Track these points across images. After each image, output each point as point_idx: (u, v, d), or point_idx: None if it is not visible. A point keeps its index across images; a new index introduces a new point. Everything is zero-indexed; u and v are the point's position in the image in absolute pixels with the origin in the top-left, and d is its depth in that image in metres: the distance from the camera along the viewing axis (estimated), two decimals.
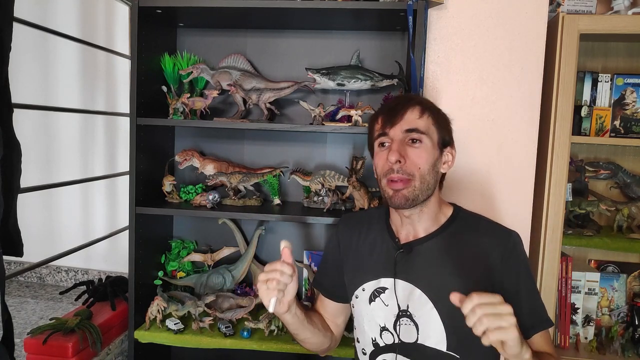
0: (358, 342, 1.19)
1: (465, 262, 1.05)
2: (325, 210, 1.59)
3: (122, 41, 2.87)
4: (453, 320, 1.03)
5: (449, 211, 1.13)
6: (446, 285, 1.03)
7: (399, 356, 1.08)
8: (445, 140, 1.09)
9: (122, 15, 2.88)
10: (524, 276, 1.05)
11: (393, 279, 1.09)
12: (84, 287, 1.79)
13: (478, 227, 1.10)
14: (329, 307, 1.25)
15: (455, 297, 0.83)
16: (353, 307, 1.18)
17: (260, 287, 0.99)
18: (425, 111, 1.06)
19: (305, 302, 1.69)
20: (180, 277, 1.75)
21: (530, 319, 1.03)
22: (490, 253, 1.04)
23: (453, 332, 1.03)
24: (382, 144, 1.07)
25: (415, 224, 1.10)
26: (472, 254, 1.05)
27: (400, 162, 1.01)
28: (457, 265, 1.05)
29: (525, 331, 1.00)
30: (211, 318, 1.58)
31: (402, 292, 1.08)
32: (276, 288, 0.97)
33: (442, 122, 1.09)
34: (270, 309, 0.97)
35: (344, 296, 1.22)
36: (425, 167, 1.03)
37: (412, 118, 1.04)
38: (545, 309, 1.07)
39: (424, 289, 1.05)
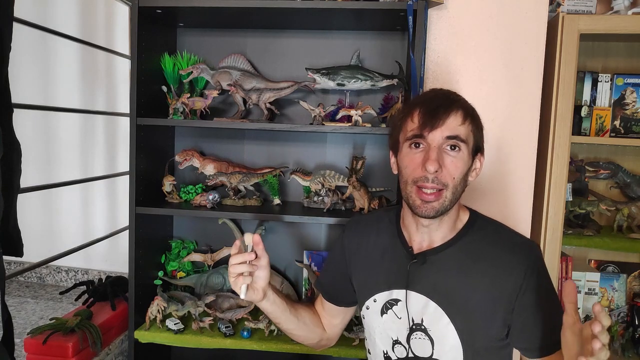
0: (369, 353, 1.16)
1: (483, 275, 0.99)
2: (325, 210, 1.59)
3: (122, 41, 2.87)
4: (470, 335, 0.99)
5: (465, 216, 1.06)
6: (463, 299, 0.99)
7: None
8: (479, 147, 1.02)
9: (122, 15, 2.88)
10: (547, 291, 0.99)
11: (405, 291, 1.03)
12: (84, 287, 1.79)
13: (497, 237, 1.04)
14: (326, 306, 1.24)
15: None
16: (363, 317, 1.13)
17: (230, 278, 1.01)
18: (468, 117, 0.98)
19: (306, 302, 1.69)
20: (180, 277, 1.75)
21: (555, 335, 0.91)
22: (512, 268, 0.98)
23: (470, 348, 0.99)
24: (415, 145, 0.98)
25: (432, 233, 1.04)
26: (492, 267, 0.99)
27: (437, 171, 0.94)
28: (474, 278, 0.99)
29: (550, 347, 0.96)
30: (211, 318, 1.58)
31: (415, 304, 1.03)
32: (240, 273, 0.99)
33: (479, 129, 1.02)
34: (242, 295, 1.00)
35: (343, 300, 1.21)
36: (459, 177, 0.97)
37: (455, 124, 0.96)
38: None
39: (439, 302, 1.00)
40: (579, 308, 1.65)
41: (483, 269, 0.99)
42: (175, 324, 1.57)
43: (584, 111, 1.60)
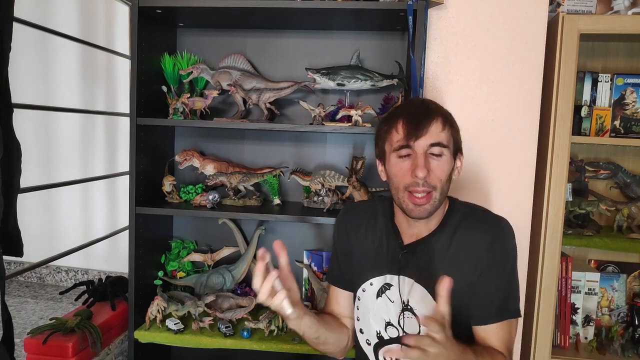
0: (362, 332, 1.20)
1: (460, 255, 1.08)
2: (325, 210, 1.59)
3: (122, 41, 2.87)
4: (453, 311, 1.03)
5: (446, 206, 1.14)
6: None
7: (404, 347, 1.08)
8: (457, 149, 1.10)
9: (122, 15, 2.88)
10: (504, 263, 1.07)
11: (398, 277, 1.12)
12: (84, 287, 1.79)
13: (469, 220, 1.12)
14: (342, 301, 1.24)
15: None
16: (359, 299, 1.19)
17: (266, 302, 0.97)
18: (447, 123, 1.06)
19: (305, 302, 1.69)
20: (180, 277, 1.75)
21: (491, 307, 1.06)
22: (479, 242, 1.07)
23: (454, 323, 1.02)
24: (402, 155, 1.05)
25: (421, 226, 1.12)
26: (465, 245, 1.08)
27: (425, 176, 1.02)
28: (453, 260, 1.08)
29: (483, 318, 1.06)
30: (211, 318, 1.58)
31: (405, 288, 1.11)
32: (273, 291, 0.95)
33: (456, 132, 1.10)
34: (288, 311, 0.96)
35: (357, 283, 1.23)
36: (445, 178, 1.05)
37: (437, 131, 1.04)
38: (518, 300, 1.10)
39: (424, 284, 1.08)
40: (578, 308, 1.65)
41: (459, 250, 1.09)
42: (175, 324, 1.57)
43: (584, 111, 1.60)
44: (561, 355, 1.56)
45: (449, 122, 1.07)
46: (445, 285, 0.87)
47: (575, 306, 1.65)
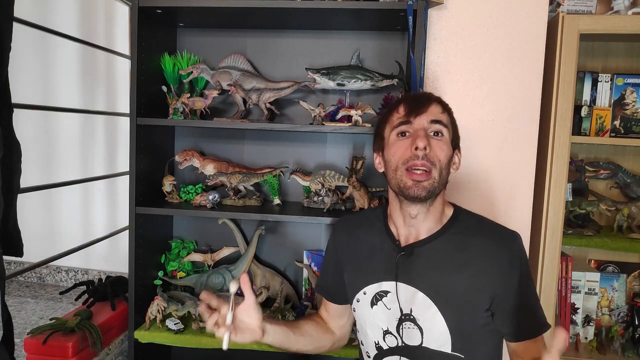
0: (362, 344, 1.19)
1: (468, 264, 1.04)
2: (325, 210, 1.59)
3: (122, 41, 2.87)
4: (458, 322, 1.02)
5: (449, 211, 1.12)
6: (450, 288, 1.03)
7: (403, 359, 1.08)
8: (456, 142, 1.11)
9: (122, 15, 2.88)
10: (527, 280, 1.05)
11: (395, 282, 1.07)
12: (84, 287, 1.79)
13: (480, 229, 1.09)
14: (331, 309, 1.27)
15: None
16: (354, 310, 1.17)
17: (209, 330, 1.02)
18: (446, 109, 1.09)
19: (306, 301, 1.69)
20: (180, 277, 1.75)
21: (532, 322, 1.05)
22: (496, 255, 1.03)
23: (458, 334, 1.02)
24: (402, 133, 1.05)
25: (419, 225, 1.08)
26: (477, 256, 1.04)
27: (426, 148, 1.01)
28: (460, 267, 1.04)
29: (528, 332, 1.03)
30: None
31: (404, 295, 1.07)
32: (218, 325, 0.99)
33: (455, 124, 1.11)
34: (224, 346, 0.98)
35: (344, 298, 1.22)
36: (444, 161, 1.04)
37: (437, 111, 1.06)
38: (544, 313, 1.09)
39: (427, 292, 1.04)
40: (578, 308, 1.66)
41: (468, 259, 1.04)
42: (175, 324, 1.57)
43: (584, 111, 1.60)
44: (561, 355, 1.55)
45: (447, 110, 1.09)
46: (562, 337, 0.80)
47: (575, 306, 1.65)
